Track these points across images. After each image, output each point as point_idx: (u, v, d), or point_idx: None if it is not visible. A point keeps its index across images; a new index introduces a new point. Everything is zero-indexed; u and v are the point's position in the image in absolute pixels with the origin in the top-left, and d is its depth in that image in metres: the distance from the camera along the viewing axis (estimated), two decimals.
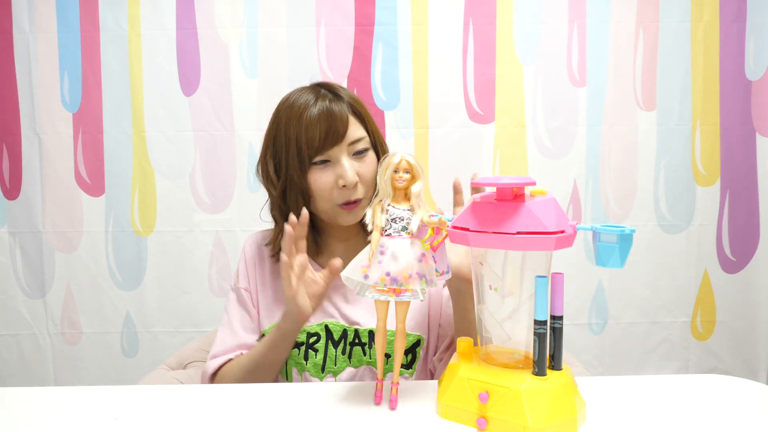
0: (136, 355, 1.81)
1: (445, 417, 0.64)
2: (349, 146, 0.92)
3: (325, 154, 0.91)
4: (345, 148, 0.91)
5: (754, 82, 1.75)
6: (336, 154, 0.91)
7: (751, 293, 1.80)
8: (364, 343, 0.96)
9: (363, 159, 0.93)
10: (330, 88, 0.95)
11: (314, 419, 0.65)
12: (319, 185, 0.92)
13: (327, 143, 0.90)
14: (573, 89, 1.75)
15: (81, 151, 1.78)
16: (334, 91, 0.95)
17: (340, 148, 0.91)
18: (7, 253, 1.81)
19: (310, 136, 0.89)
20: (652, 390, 0.72)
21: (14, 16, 1.74)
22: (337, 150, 0.91)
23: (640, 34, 1.75)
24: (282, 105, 0.95)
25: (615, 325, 1.81)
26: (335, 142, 0.90)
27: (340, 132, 0.90)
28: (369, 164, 0.94)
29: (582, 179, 1.78)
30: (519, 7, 1.73)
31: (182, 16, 1.73)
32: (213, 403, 0.71)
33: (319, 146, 0.90)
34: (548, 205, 0.60)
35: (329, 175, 0.91)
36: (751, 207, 1.79)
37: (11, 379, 1.83)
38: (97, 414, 0.68)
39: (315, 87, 0.96)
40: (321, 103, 0.90)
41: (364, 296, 0.65)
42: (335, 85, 0.97)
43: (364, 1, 1.72)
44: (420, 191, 0.65)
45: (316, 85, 0.97)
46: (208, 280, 1.80)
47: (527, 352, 0.66)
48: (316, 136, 0.89)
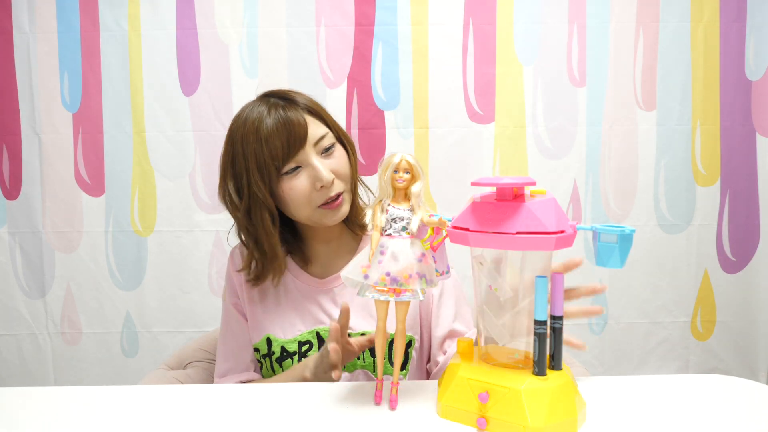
0: (136, 355, 1.81)
1: (445, 417, 0.64)
2: (315, 146, 0.90)
3: (293, 160, 0.89)
4: (312, 149, 0.89)
5: (754, 82, 1.75)
6: (304, 158, 0.89)
7: (751, 293, 1.79)
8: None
9: (332, 155, 0.92)
10: (280, 95, 0.93)
11: (314, 419, 0.65)
12: (296, 192, 0.90)
13: (291, 150, 0.88)
14: (573, 89, 1.75)
15: (81, 151, 1.78)
16: (284, 97, 0.92)
17: (306, 150, 0.89)
18: (7, 253, 1.81)
19: (271, 148, 0.87)
20: (652, 390, 0.72)
21: (14, 16, 1.74)
22: (303, 153, 0.89)
23: (640, 34, 1.75)
24: (234, 125, 0.93)
25: (615, 325, 1.81)
26: (300, 146, 0.88)
27: (301, 135, 0.88)
28: (339, 158, 0.92)
29: (582, 179, 1.78)
30: (519, 7, 1.73)
31: (182, 16, 1.73)
32: (213, 403, 0.71)
33: (284, 155, 0.87)
34: (548, 205, 0.60)
35: (303, 180, 0.90)
36: (751, 207, 1.79)
37: (11, 379, 1.83)
38: (97, 414, 0.68)
39: (264, 98, 0.93)
40: (275, 113, 0.88)
41: (364, 296, 0.65)
42: (286, 90, 0.95)
43: (364, 1, 1.72)
44: (420, 191, 0.65)
45: (265, 95, 0.94)
46: (208, 280, 1.80)
47: (527, 352, 0.66)
48: (278, 147, 0.87)
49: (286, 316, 0.98)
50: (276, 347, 0.97)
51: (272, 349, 0.97)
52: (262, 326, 0.99)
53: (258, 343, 0.99)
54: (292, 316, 0.98)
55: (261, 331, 0.99)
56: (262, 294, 1.00)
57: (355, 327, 0.97)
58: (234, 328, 1.02)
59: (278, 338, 0.97)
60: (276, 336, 0.97)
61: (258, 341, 0.99)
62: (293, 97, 0.92)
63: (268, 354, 0.98)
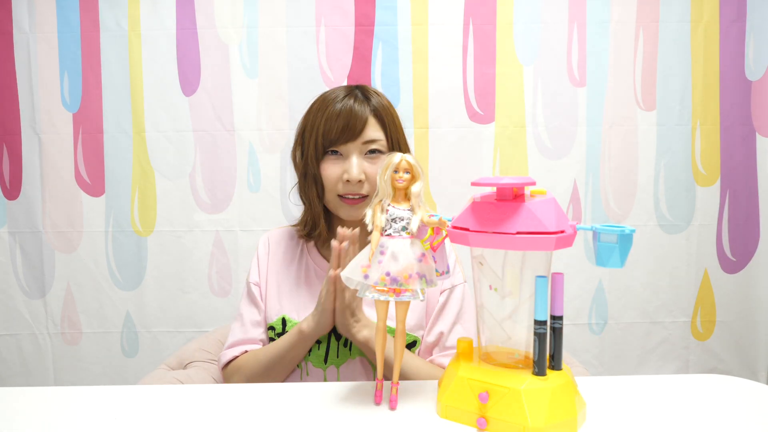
0: (136, 355, 1.81)
1: (445, 417, 0.64)
2: (363, 144, 0.96)
3: (339, 147, 0.96)
4: (358, 146, 0.96)
5: (754, 82, 1.75)
6: (348, 150, 0.96)
7: (751, 293, 1.79)
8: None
9: (375, 160, 0.97)
10: (363, 90, 1.00)
11: (314, 419, 0.65)
12: (327, 174, 0.97)
13: (342, 138, 0.95)
14: (573, 89, 1.75)
15: (81, 151, 1.78)
16: (365, 93, 0.99)
17: (354, 144, 0.96)
18: (7, 253, 1.81)
19: (327, 128, 0.95)
20: (652, 390, 0.72)
21: (14, 16, 1.74)
22: (350, 146, 0.96)
23: (640, 34, 1.75)
24: (318, 97, 1.01)
25: (615, 325, 1.81)
26: (350, 138, 0.95)
27: (357, 130, 0.95)
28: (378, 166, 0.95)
29: (582, 179, 1.78)
30: (519, 7, 1.73)
31: (182, 16, 1.73)
32: (213, 403, 0.71)
33: (334, 139, 0.95)
34: (548, 205, 0.60)
35: (338, 167, 0.96)
36: (751, 207, 1.79)
37: (11, 379, 1.83)
38: (97, 414, 0.68)
39: (351, 87, 1.01)
40: (347, 101, 0.96)
41: (364, 296, 0.65)
42: (371, 89, 1.02)
43: (364, 1, 1.72)
44: (420, 191, 0.65)
45: (355, 86, 1.02)
46: (208, 280, 1.80)
47: (527, 352, 0.66)
48: (332, 129, 0.95)
49: (302, 299, 1.02)
50: (290, 327, 1.00)
51: (286, 329, 1.00)
52: (279, 306, 1.03)
53: (274, 322, 1.02)
54: (307, 299, 1.02)
55: (278, 311, 1.02)
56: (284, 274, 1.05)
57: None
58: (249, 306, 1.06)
59: (293, 319, 1.00)
60: (290, 317, 1.01)
61: (274, 320, 1.02)
62: (370, 95, 0.99)
63: (282, 333, 1.01)
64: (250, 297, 1.06)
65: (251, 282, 1.07)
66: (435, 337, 1.01)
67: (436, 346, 1.01)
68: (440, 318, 1.02)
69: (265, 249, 1.09)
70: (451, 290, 1.03)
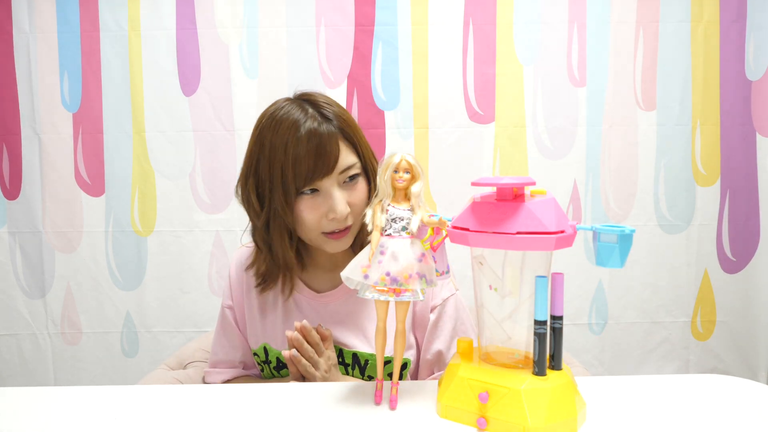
0: (136, 355, 1.81)
1: (445, 417, 0.64)
2: (340, 175, 0.86)
3: (314, 184, 0.85)
4: (335, 177, 0.85)
5: (754, 82, 1.75)
6: (326, 186, 0.85)
7: (751, 293, 1.79)
8: (347, 364, 0.94)
9: (354, 187, 0.88)
10: (317, 106, 0.87)
11: (314, 419, 0.65)
12: (307, 215, 0.86)
13: (316, 176, 0.84)
14: (573, 89, 1.75)
15: (81, 151, 1.78)
16: (321, 110, 0.87)
17: (330, 178, 0.85)
18: (7, 253, 1.81)
19: (297, 170, 0.83)
20: (652, 390, 0.72)
21: (14, 16, 1.74)
22: (327, 180, 0.85)
23: (640, 34, 1.75)
24: (265, 126, 0.86)
25: (615, 325, 1.81)
26: (326, 174, 0.84)
27: (330, 164, 0.84)
28: (359, 192, 0.88)
29: (582, 179, 1.78)
30: (519, 7, 1.73)
31: (182, 16, 1.73)
32: (213, 403, 0.71)
33: (307, 179, 0.84)
34: (548, 205, 0.60)
35: (318, 205, 0.86)
36: (751, 207, 1.79)
37: (11, 379, 1.83)
38: (97, 414, 0.68)
39: (300, 103, 0.88)
40: (309, 131, 0.83)
41: (364, 296, 0.64)
42: (319, 99, 0.89)
43: (364, 1, 1.72)
44: (420, 191, 0.65)
45: (302, 99, 0.89)
46: (208, 280, 1.80)
47: (527, 352, 0.66)
48: (304, 170, 0.83)
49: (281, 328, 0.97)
50: (272, 357, 0.97)
51: (269, 357, 0.97)
52: (259, 335, 0.99)
53: (257, 350, 0.99)
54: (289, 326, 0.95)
55: (258, 340, 0.99)
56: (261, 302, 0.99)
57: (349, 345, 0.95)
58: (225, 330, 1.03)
59: (273, 348, 0.97)
60: (272, 346, 0.97)
61: (256, 348, 0.99)
62: (328, 113, 0.86)
63: (266, 361, 0.98)
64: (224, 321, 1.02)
65: (224, 306, 1.01)
66: (434, 356, 0.97)
67: (435, 364, 0.98)
68: (435, 335, 0.97)
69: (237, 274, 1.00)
70: (442, 305, 0.98)
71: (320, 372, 0.85)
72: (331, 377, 0.87)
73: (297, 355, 0.83)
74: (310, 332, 0.84)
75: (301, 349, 0.83)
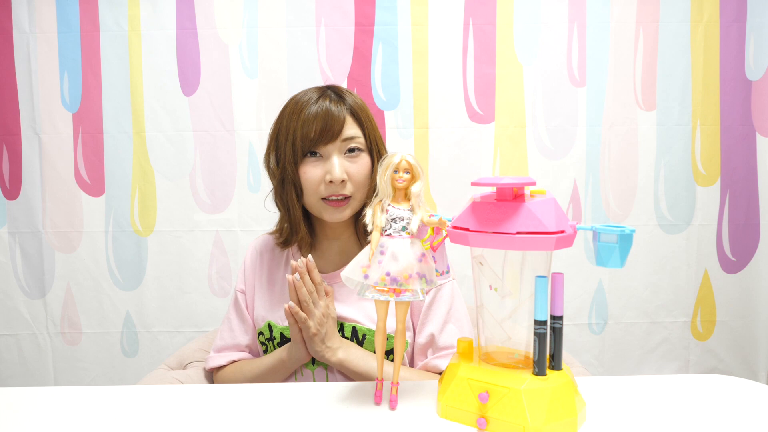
0: (136, 355, 1.81)
1: (445, 417, 0.64)
2: (342, 143, 0.95)
3: (318, 148, 0.95)
4: (338, 145, 0.95)
5: (754, 82, 1.75)
6: (328, 151, 0.95)
7: (751, 293, 1.80)
8: (346, 338, 0.97)
9: (355, 159, 0.96)
10: (336, 90, 0.99)
11: (314, 419, 0.65)
12: (308, 177, 0.95)
13: (321, 139, 0.94)
14: (573, 89, 1.75)
15: (81, 151, 1.78)
16: (338, 93, 0.98)
17: (333, 145, 0.94)
18: (7, 253, 1.81)
19: (305, 131, 0.93)
20: (652, 390, 0.72)
21: (14, 16, 1.74)
22: (330, 147, 0.94)
23: (640, 34, 1.75)
24: (289, 101, 1.00)
25: (615, 325, 1.81)
26: (329, 139, 0.94)
27: (335, 130, 0.94)
28: (361, 165, 0.96)
29: (582, 179, 1.78)
30: (519, 7, 1.73)
31: (182, 16, 1.73)
32: (213, 403, 0.71)
33: (313, 141, 0.94)
34: (548, 205, 0.60)
35: (319, 169, 0.95)
36: (751, 207, 1.79)
37: (11, 379, 1.83)
38: (97, 414, 0.68)
39: (322, 88, 1.00)
40: (322, 102, 0.94)
41: (364, 296, 0.65)
42: (343, 89, 1.01)
43: (364, 1, 1.72)
44: (420, 191, 0.65)
45: (326, 87, 1.00)
46: (208, 280, 1.80)
47: (527, 352, 0.66)
48: (311, 132, 0.93)
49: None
50: (276, 333, 1.01)
51: (273, 334, 1.01)
52: (265, 312, 1.04)
53: (261, 328, 1.03)
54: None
55: (263, 317, 1.04)
56: (270, 281, 1.05)
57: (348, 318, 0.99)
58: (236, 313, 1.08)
59: (278, 325, 1.01)
60: (276, 323, 1.01)
61: (261, 326, 1.04)
62: (344, 95, 0.98)
63: (270, 338, 1.02)
64: (236, 304, 1.08)
65: (237, 290, 1.08)
66: (426, 339, 0.99)
67: (429, 347, 1.00)
68: (429, 318, 1.00)
69: (252, 257, 1.09)
70: (438, 289, 1.01)
71: (314, 322, 0.91)
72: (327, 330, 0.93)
73: (294, 307, 0.90)
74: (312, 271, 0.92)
75: (299, 292, 0.90)
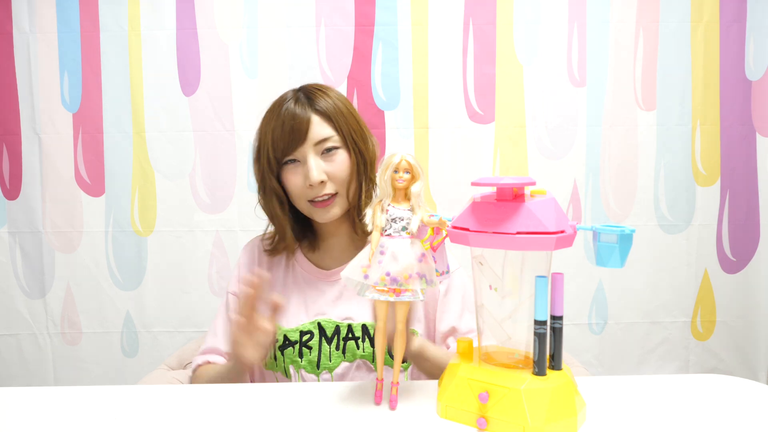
0: (136, 355, 1.81)
1: (445, 417, 0.64)
2: (316, 146, 0.94)
3: (292, 154, 0.95)
4: (311, 147, 0.94)
5: (754, 82, 1.75)
6: (303, 154, 0.94)
7: (751, 293, 1.79)
8: (357, 337, 0.97)
9: (332, 157, 0.95)
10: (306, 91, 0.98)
11: (314, 419, 0.65)
12: (290, 184, 0.96)
13: (291, 145, 0.94)
14: (573, 89, 1.75)
15: (81, 151, 1.78)
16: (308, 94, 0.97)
17: (306, 147, 0.94)
18: (7, 253, 1.81)
19: (275, 138, 0.94)
20: (652, 390, 0.72)
21: (14, 16, 1.74)
22: (302, 150, 0.94)
23: (640, 34, 1.75)
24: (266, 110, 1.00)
25: (615, 325, 1.81)
26: (298, 143, 0.94)
27: (302, 133, 0.93)
28: (339, 163, 0.96)
29: (582, 179, 1.78)
30: (519, 7, 1.73)
31: (182, 16, 1.73)
32: (213, 403, 0.71)
33: (283, 148, 0.94)
34: (548, 205, 0.60)
35: (298, 174, 0.95)
36: (751, 207, 1.79)
37: (11, 379, 1.83)
38: (97, 414, 0.68)
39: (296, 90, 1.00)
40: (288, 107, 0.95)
41: (364, 296, 0.65)
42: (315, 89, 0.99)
43: (364, 1, 1.72)
44: (420, 191, 0.65)
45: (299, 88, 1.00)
46: (208, 280, 1.80)
47: (527, 352, 0.66)
48: (278, 139, 0.94)
49: (291, 305, 1.02)
50: (279, 335, 1.00)
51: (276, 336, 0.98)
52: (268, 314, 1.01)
53: None
54: (297, 306, 1.01)
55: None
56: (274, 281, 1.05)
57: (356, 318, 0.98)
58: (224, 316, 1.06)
59: (281, 327, 1.00)
60: (280, 325, 1.00)
61: None
62: (313, 96, 0.97)
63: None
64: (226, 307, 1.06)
65: (229, 292, 1.06)
66: (447, 327, 1.01)
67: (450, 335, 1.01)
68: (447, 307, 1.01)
69: (247, 259, 1.08)
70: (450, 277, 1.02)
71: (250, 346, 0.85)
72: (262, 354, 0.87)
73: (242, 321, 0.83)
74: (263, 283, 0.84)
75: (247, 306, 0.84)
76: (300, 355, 0.97)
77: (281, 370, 0.99)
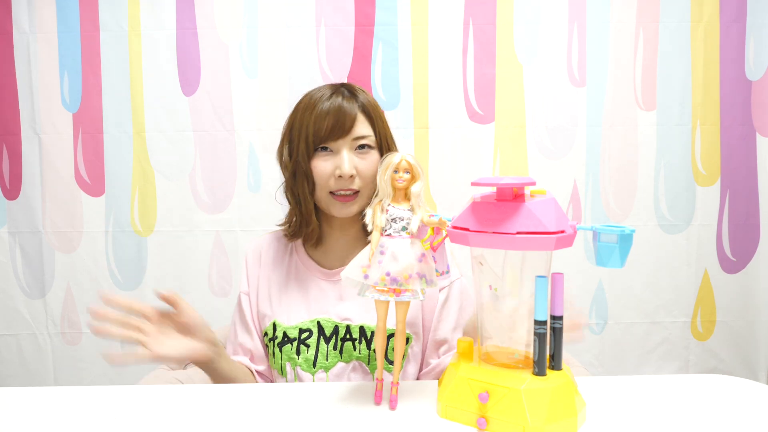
0: None
1: (445, 417, 0.64)
2: (353, 141, 0.96)
3: (329, 143, 0.96)
4: (348, 141, 0.96)
5: (754, 82, 1.75)
6: (339, 146, 0.96)
7: (751, 293, 1.79)
8: (354, 339, 0.97)
9: (365, 156, 0.97)
10: (349, 87, 1.01)
11: (314, 419, 0.65)
12: (318, 171, 0.97)
13: (332, 135, 0.95)
14: (573, 89, 1.75)
15: (81, 151, 1.78)
16: (351, 90, 1.00)
17: (344, 141, 0.96)
18: (7, 253, 1.81)
19: (317, 126, 0.95)
20: (652, 390, 0.72)
21: (14, 16, 1.74)
22: (340, 142, 0.96)
23: (640, 34, 1.75)
24: (304, 96, 1.02)
25: (615, 325, 1.81)
26: (340, 135, 0.95)
27: (346, 126, 0.95)
28: (370, 161, 0.97)
29: (582, 179, 1.78)
30: (519, 7, 1.73)
31: (182, 16, 1.73)
32: (213, 403, 0.71)
33: (324, 136, 0.95)
34: (548, 205, 0.60)
35: (329, 164, 0.96)
36: (751, 207, 1.79)
37: (11, 379, 1.83)
38: (97, 414, 0.68)
39: (336, 85, 1.01)
40: (335, 99, 0.97)
41: (364, 296, 0.65)
42: (356, 87, 1.02)
43: (364, 1, 1.72)
44: (420, 191, 0.65)
45: (340, 84, 1.02)
46: (208, 280, 1.80)
47: (527, 352, 0.66)
48: (322, 127, 0.95)
49: (292, 301, 1.02)
50: (279, 332, 1.01)
51: (276, 333, 1.01)
52: (270, 311, 1.03)
53: (267, 328, 1.03)
54: (297, 303, 1.02)
55: (269, 317, 1.03)
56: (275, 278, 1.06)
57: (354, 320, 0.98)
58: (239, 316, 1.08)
59: (282, 324, 1.01)
60: (280, 321, 1.01)
61: (267, 326, 1.03)
62: (357, 93, 1.00)
63: (272, 338, 1.02)
64: (240, 306, 1.08)
65: (241, 292, 1.08)
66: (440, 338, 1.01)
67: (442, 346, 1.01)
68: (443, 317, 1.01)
69: (254, 257, 1.09)
70: (449, 287, 1.02)
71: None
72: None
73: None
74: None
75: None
76: (297, 353, 0.98)
77: (277, 367, 1.00)
